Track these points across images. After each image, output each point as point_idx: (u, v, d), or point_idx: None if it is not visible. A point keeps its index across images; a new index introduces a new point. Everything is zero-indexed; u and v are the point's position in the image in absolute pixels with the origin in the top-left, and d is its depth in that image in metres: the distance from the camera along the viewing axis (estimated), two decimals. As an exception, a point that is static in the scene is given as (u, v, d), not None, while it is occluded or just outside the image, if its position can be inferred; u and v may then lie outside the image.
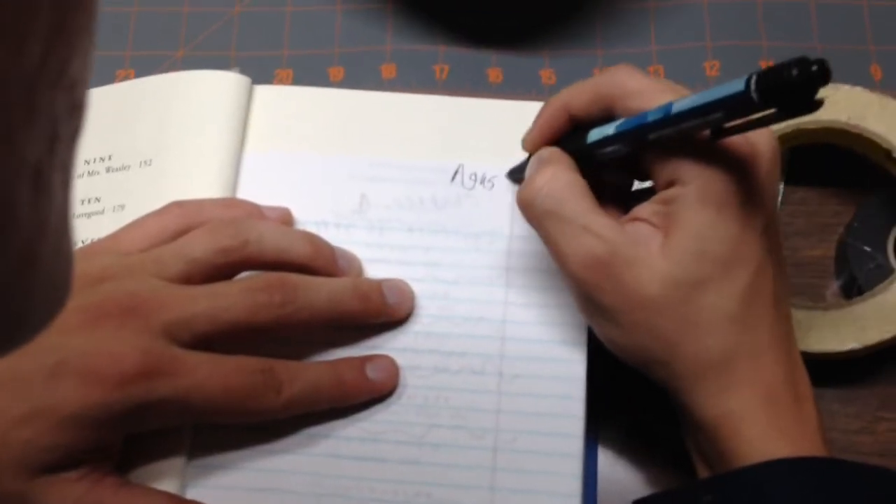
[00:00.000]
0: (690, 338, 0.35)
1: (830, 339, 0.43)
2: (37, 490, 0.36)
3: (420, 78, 0.51)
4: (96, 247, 0.41)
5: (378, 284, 0.42)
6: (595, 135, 0.38)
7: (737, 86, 0.32)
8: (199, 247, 0.39)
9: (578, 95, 0.39)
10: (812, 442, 0.35)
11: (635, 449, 0.43)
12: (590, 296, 0.36)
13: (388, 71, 0.51)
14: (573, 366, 0.41)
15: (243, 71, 0.48)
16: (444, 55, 0.52)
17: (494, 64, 0.51)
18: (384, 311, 0.42)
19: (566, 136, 0.40)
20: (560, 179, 0.38)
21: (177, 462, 0.40)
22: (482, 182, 0.45)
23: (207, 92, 0.47)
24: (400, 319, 0.42)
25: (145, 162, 0.46)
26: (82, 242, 0.44)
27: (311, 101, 0.47)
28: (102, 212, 0.45)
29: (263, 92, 0.47)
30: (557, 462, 0.40)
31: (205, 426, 0.40)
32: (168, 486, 0.39)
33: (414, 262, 0.43)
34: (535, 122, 0.40)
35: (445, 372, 0.41)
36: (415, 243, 0.44)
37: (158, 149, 0.46)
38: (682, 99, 0.35)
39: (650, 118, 0.35)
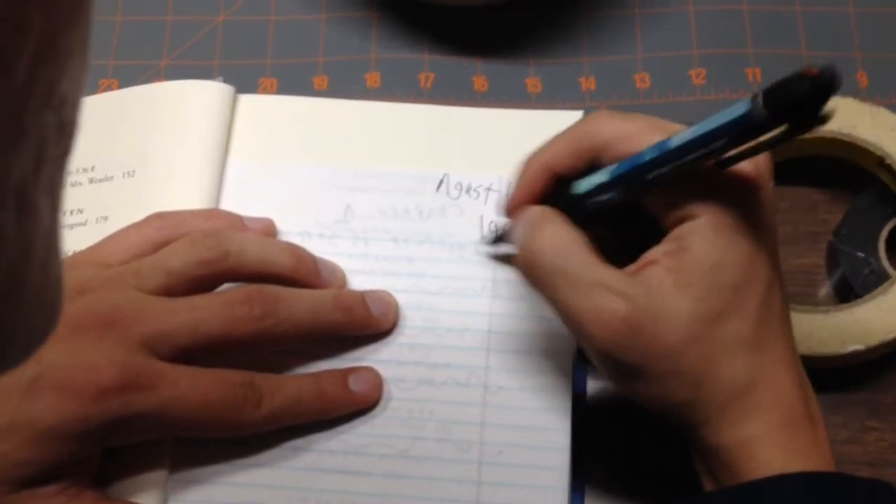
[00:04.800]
0: (713, 372, 0.34)
1: (832, 342, 0.43)
2: (14, 505, 0.35)
3: (405, 86, 0.51)
4: (77, 259, 0.41)
5: (361, 296, 0.41)
6: (585, 185, 0.36)
7: (740, 108, 0.30)
8: (180, 259, 0.39)
9: (559, 153, 0.37)
10: (826, 463, 0.35)
11: (623, 461, 0.43)
12: (611, 355, 0.34)
13: (372, 79, 0.51)
14: (559, 377, 0.41)
15: (227, 80, 0.48)
16: (428, 63, 0.51)
17: (480, 72, 0.51)
18: (368, 323, 0.41)
19: (550, 193, 0.38)
20: (560, 236, 0.36)
21: (158, 476, 0.39)
22: (467, 191, 0.45)
23: (191, 102, 0.46)
24: (384, 331, 0.42)
25: (128, 173, 0.45)
26: (64, 254, 0.43)
27: (295, 111, 0.47)
28: (85, 223, 0.45)
29: (247, 101, 0.47)
30: (543, 475, 0.39)
31: (186, 439, 0.40)
32: (149, 500, 0.39)
33: (398, 272, 0.43)
34: (517, 184, 0.38)
35: (430, 384, 0.41)
36: (399, 254, 0.44)
37: (141, 159, 0.46)
38: (680, 133, 0.33)
39: (647, 157, 0.34)
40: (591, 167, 0.37)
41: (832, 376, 0.43)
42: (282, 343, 0.40)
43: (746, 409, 0.34)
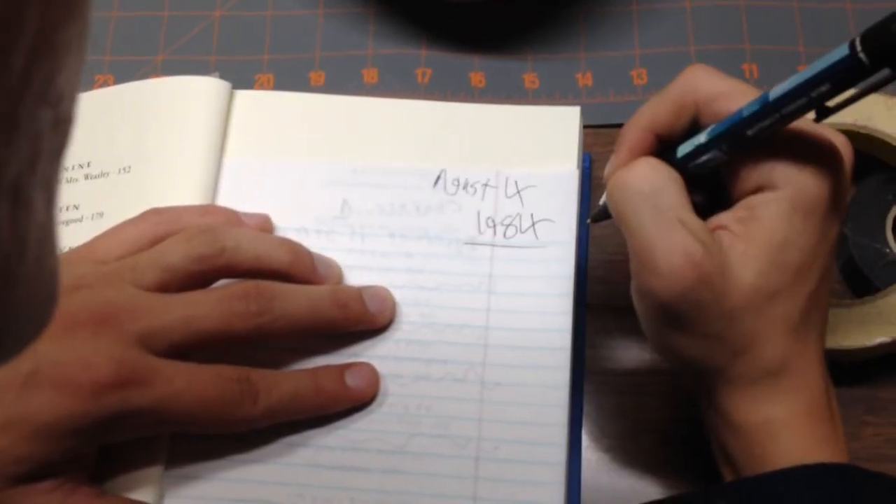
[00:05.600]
0: (755, 347, 0.34)
1: (858, 335, 0.43)
2: (10, 501, 0.35)
3: (402, 82, 0.50)
4: (72, 255, 0.40)
5: (358, 292, 0.41)
6: (685, 148, 0.36)
7: (840, 52, 0.30)
8: (176, 254, 0.39)
9: (660, 111, 0.36)
10: (843, 457, 0.35)
11: (619, 457, 0.43)
12: (668, 299, 0.34)
13: (369, 75, 0.51)
14: (556, 373, 0.41)
15: (223, 76, 0.48)
16: (426, 59, 0.51)
17: (477, 68, 0.51)
18: (364, 319, 0.41)
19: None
20: (659, 171, 0.35)
21: (154, 472, 0.39)
22: (465, 187, 0.45)
23: (187, 98, 0.46)
24: (381, 327, 0.42)
25: (124, 169, 0.45)
26: (60, 249, 0.43)
27: (291, 107, 0.47)
28: (81, 219, 0.45)
29: (244, 97, 0.47)
30: (540, 471, 0.39)
31: (182, 435, 0.39)
32: (145, 496, 0.39)
33: (396, 268, 0.43)
34: (619, 150, 0.37)
35: (427, 380, 0.41)
36: (397, 249, 0.43)
37: (137, 155, 0.45)
38: (779, 85, 0.33)
39: (747, 112, 0.33)
40: (692, 128, 0.36)
41: (830, 372, 0.44)
42: (278, 339, 0.40)
43: (776, 391, 0.34)
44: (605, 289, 0.46)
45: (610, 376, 0.44)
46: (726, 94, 0.35)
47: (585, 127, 0.47)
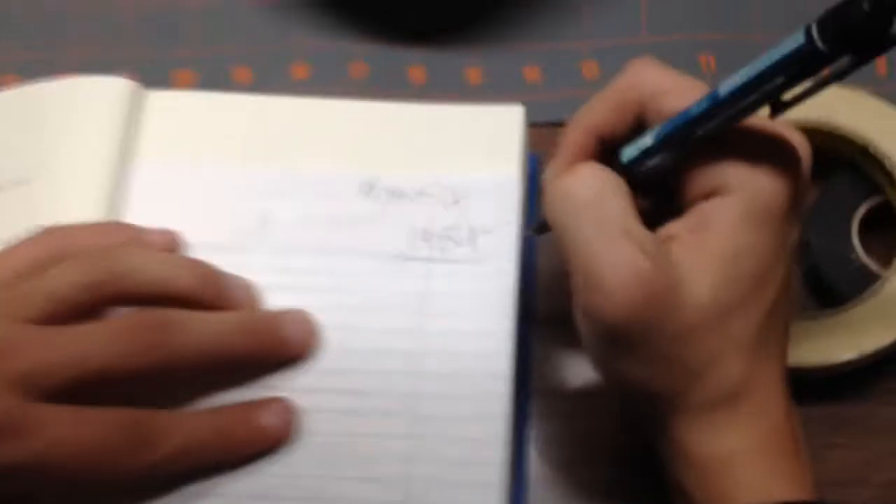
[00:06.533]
0: (709, 370, 0.32)
1: (824, 351, 0.41)
2: None
3: (335, 78, 0.48)
4: (-46, 282, 0.37)
5: (273, 317, 0.38)
6: (630, 151, 0.34)
7: (795, 40, 0.29)
8: (64, 282, 0.35)
9: (602, 110, 0.35)
10: (808, 492, 0.33)
11: (572, 489, 0.41)
12: (615, 322, 0.31)
13: (299, 71, 0.48)
14: (495, 403, 0.38)
15: (135, 74, 0.45)
16: (362, 53, 0.48)
17: (418, 61, 0.48)
18: (281, 350, 0.38)
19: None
20: (602, 177, 0.33)
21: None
22: (398, 196, 0.42)
23: (91, 100, 0.43)
24: (300, 357, 0.38)
25: (20, 181, 0.42)
26: None
27: (211, 108, 0.44)
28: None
29: (157, 98, 0.44)
30: None
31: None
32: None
33: (320, 288, 0.40)
34: (559, 153, 0.35)
35: (351, 415, 0.38)
36: (322, 267, 0.41)
37: (35, 166, 0.42)
38: (729, 79, 0.31)
39: (695, 111, 0.32)
40: (638, 128, 0.34)
41: (795, 390, 0.41)
42: (181, 374, 0.37)
43: (734, 419, 0.33)
44: (555, 302, 0.43)
45: (560, 398, 0.42)
46: (672, 90, 0.33)
47: (533, 125, 0.44)
